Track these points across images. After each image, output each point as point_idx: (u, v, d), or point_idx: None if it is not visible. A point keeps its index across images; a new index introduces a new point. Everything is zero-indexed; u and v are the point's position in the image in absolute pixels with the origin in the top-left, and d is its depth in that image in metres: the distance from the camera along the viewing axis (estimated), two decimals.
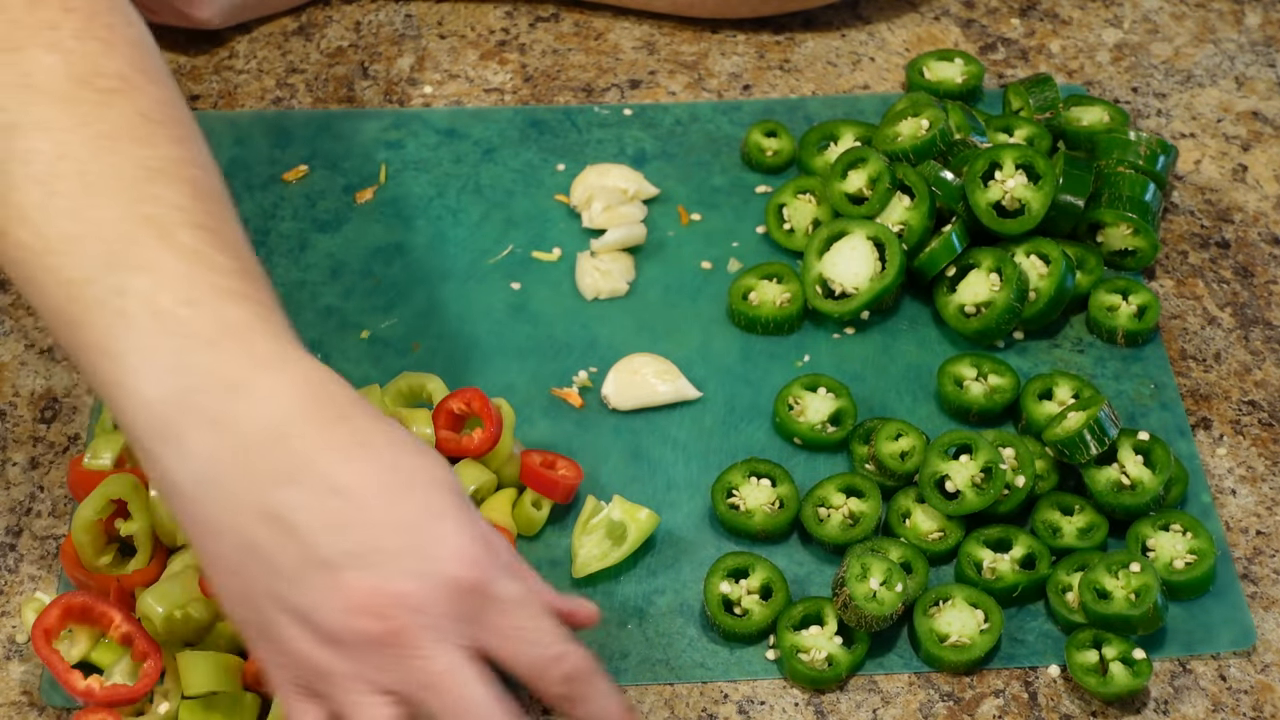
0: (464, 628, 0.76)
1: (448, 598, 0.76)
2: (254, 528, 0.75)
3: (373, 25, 1.28)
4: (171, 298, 0.77)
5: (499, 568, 0.78)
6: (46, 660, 0.89)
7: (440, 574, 0.76)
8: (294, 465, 0.76)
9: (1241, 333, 1.11)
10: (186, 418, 0.76)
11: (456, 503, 0.78)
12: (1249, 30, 1.29)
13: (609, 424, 1.05)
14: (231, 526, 0.76)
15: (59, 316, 0.78)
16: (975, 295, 1.08)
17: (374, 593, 0.75)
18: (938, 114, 1.12)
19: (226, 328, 0.77)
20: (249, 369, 0.76)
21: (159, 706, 0.91)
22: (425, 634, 0.75)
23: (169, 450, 0.76)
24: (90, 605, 0.92)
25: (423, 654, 0.75)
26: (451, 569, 0.76)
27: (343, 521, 0.75)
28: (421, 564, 0.76)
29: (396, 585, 0.75)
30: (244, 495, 0.75)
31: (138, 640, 0.91)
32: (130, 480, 0.95)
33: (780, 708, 0.94)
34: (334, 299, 1.11)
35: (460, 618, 0.76)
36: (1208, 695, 0.94)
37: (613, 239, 1.12)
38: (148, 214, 0.78)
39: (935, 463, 1.00)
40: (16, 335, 1.09)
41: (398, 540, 0.76)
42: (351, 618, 0.75)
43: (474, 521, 0.78)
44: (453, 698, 0.76)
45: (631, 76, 1.24)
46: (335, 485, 0.76)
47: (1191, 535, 0.98)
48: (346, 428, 0.77)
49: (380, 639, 0.75)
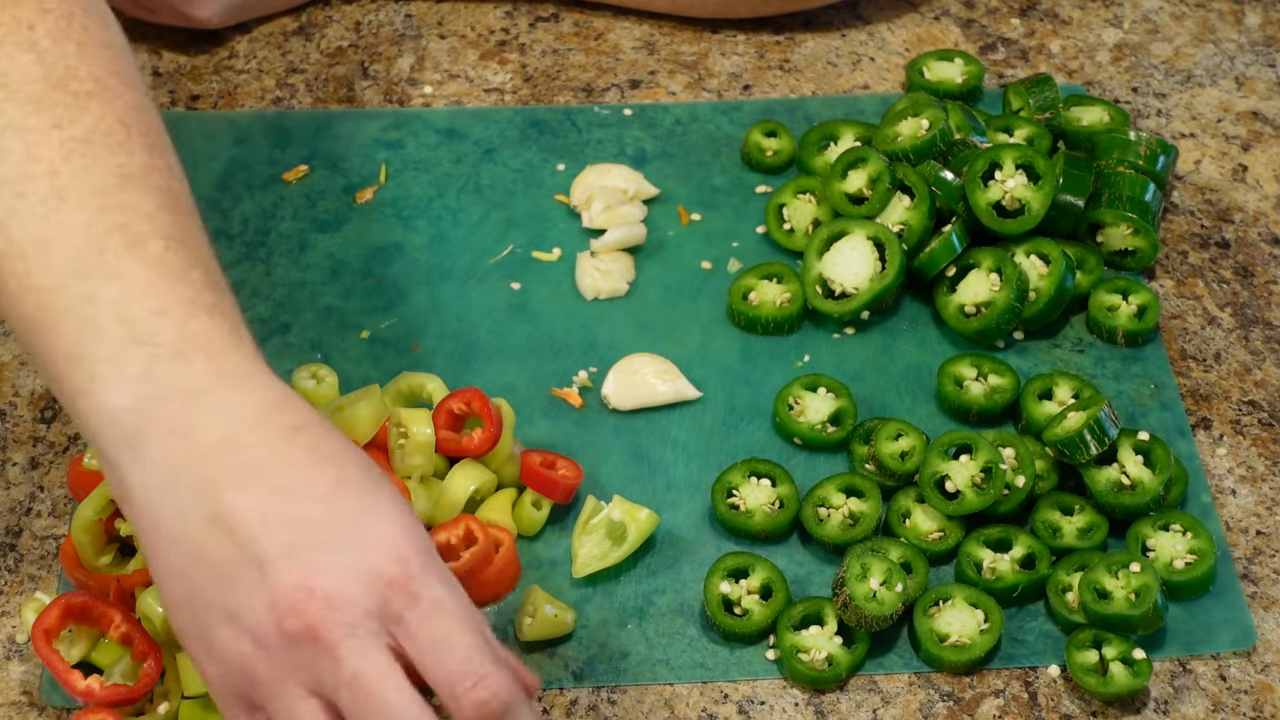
0: (386, 626, 0.74)
1: (371, 594, 0.74)
2: (201, 531, 0.75)
3: (373, 25, 1.28)
4: (142, 307, 0.76)
5: (432, 571, 0.76)
6: (46, 660, 0.89)
7: (366, 568, 0.74)
8: (243, 470, 0.75)
9: (1241, 333, 1.11)
10: (149, 425, 0.75)
11: (401, 508, 0.77)
12: (1249, 30, 1.29)
13: (609, 424, 1.05)
14: (181, 533, 0.75)
15: (26, 322, 0.78)
16: (975, 295, 1.08)
17: (296, 589, 0.73)
18: (938, 114, 1.12)
19: (194, 339, 0.77)
20: (213, 380, 0.76)
21: (159, 706, 0.91)
22: (342, 631, 0.73)
23: (129, 457, 0.76)
24: (90, 605, 0.92)
25: (339, 652, 0.73)
26: (378, 563, 0.74)
27: (280, 518, 0.74)
28: (348, 558, 0.74)
29: (318, 581, 0.73)
30: (194, 500, 0.75)
31: (138, 640, 0.91)
32: None
33: (780, 708, 0.94)
34: (334, 299, 1.11)
35: (383, 616, 0.74)
36: (1208, 695, 0.94)
37: (613, 239, 1.12)
38: (118, 221, 0.78)
39: (935, 463, 1.00)
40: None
41: (330, 535, 0.75)
42: (275, 615, 0.74)
43: (414, 526, 0.77)
44: (369, 699, 0.74)
45: (631, 76, 1.24)
46: (279, 486, 0.75)
47: (1191, 535, 0.98)
48: (301, 437, 0.77)
49: (299, 636, 0.73)
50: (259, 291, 1.11)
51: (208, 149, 1.19)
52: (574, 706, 0.93)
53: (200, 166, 1.17)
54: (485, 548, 0.94)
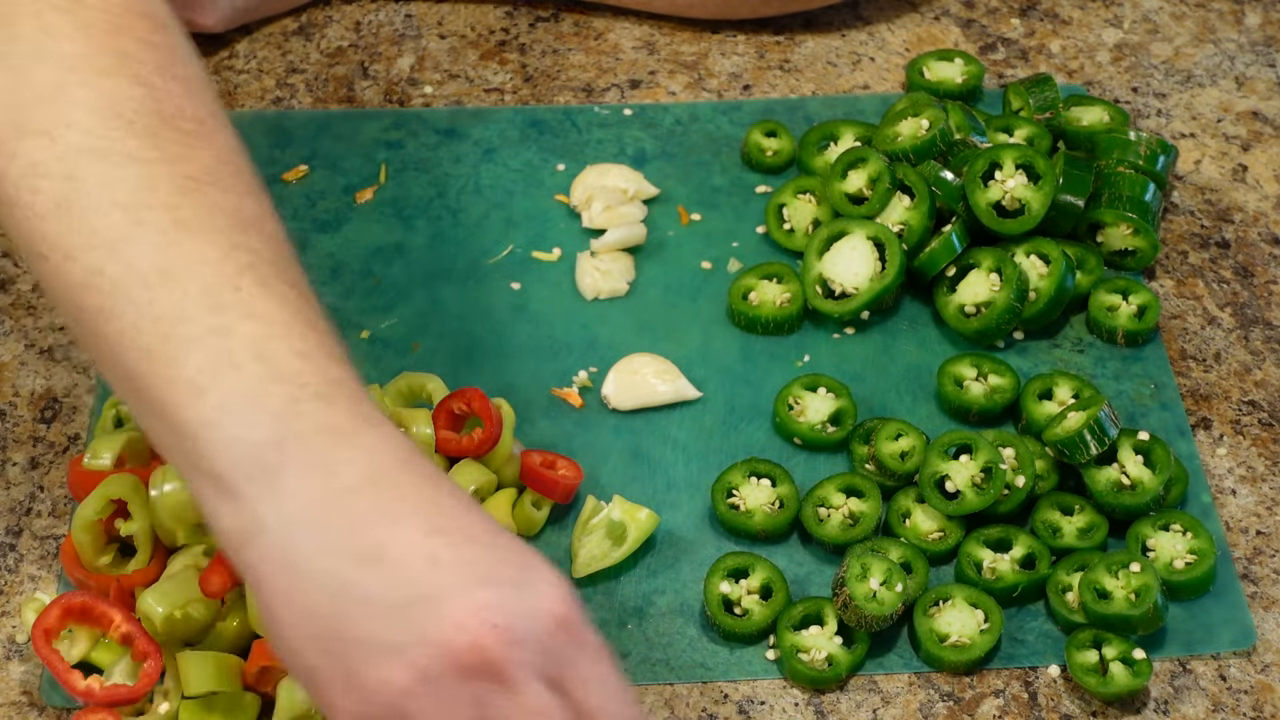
0: (556, 668, 0.74)
1: (547, 633, 0.73)
2: (348, 568, 0.73)
3: (373, 25, 1.28)
4: (284, 347, 0.75)
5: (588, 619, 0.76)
6: (46, 660, 0.89)
7: (540, 609, 0.73)
8: (396, 509, 0.74)
9: (1241, 333, 1.11)
10: (288, 460, 0.74)
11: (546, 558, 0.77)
12: (1249, 30, 1.29)
13: (609, 424, 1.05)
14: (323, 568, 0.73)
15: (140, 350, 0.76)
16: (975, 295, 1.08)
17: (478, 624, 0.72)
18: (938, 114, 1.12)
19: (334, 383, 0.76)
20: (358, 423, 0.75)
21: (159, 706, 0.91)
22: (524, 670, 0.72)
23: (262, 490, 0.74)
24: (90, 605, 0.92)
25: (520, 689, 0.72)
26: (550, 604, 0.74)
27: (445, 558, 0.73)
28: (522, 599, 0.73)
29: (499, 617, 0.72)
30: (341, 536, 0.74)
31: (138, 640, 0.91)
32: (130, 480, 0.95)
33: (780, 708, 0.94)
34: (334, 299, 1.11)
35: (556, 657, 0.74)
36: (1208, 695, 0.94)
37: (613, 239, 1.12)
38: (247, 261, 0.77)
39: (935, 463, 1.00)
40: (16, 335, 1.09)
41: (501, 575, 0.74)
42: (453, 649, 0.72)
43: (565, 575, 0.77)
44: None
45: (631, 76, 1.24)
46: (438, 527, 0.74)
47: (1191, 535, 0.98)
48: (445, 484, 0.76)
49: (476, 670, 0.72)
50: None
51: None
52: None
53: None
54: None
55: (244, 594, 0.93)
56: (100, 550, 0.96)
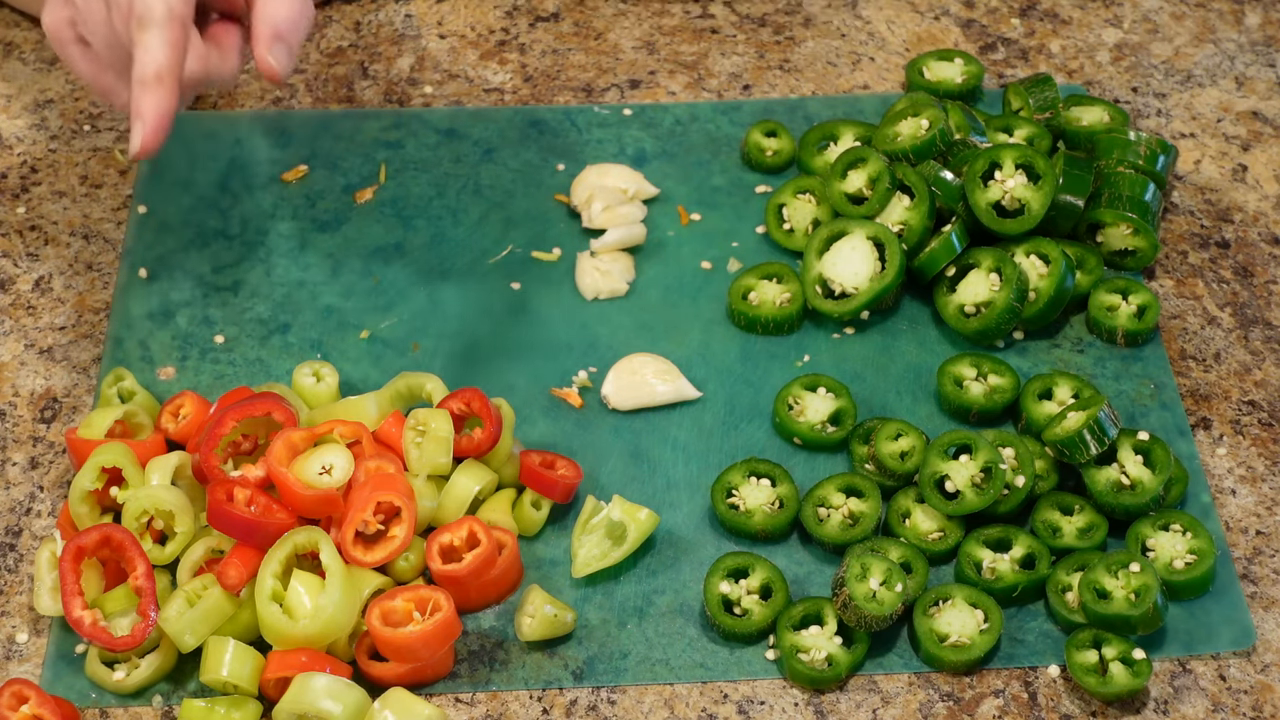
0: None
1: None
2: None
3: (373, 25, 1.28)
4: None
5: None
6: (65, 574, 0.90)
7: None
8: None
9: (1241, 333, 1.11)
10: None
11: None
12: (1249, 30, 1.29)
13: (609, 424, 1.05)
14: None
15: None
16: (975, 295, 1.08)
17: None
18: (938, 114, 1.12)
19: None
20: None
21: (118, 673, 0.92)
22: None
23: None
24: (127, 545, 0.92)
25: None
26: None
27: None
28: None
29: None
30: None
31: (146, 596, 0.91)
32: (121, 448, 0.96)
33: (780, 708, 0.94)
34: (334, 299, 1.11)
35: None
36: (1208, 695, 0.94)
37: (613, 239, 1.12)
38: None
39: (935, 463, 1.00)
40: (16, 335, 1.09)
41: None
42: None
43: None
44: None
45: (631, 76, 1.25)
46: None
47: (1191, 535, 0.98)
48: None
49: None
50: (259, 291, 1.11)
51: (208, 149, 1.19)
52: (574, 706, 0.94)
53: (200, 166, 1.17)
54: (489, 550, 0.94)
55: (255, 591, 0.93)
56: (97, 520, 0.96)
